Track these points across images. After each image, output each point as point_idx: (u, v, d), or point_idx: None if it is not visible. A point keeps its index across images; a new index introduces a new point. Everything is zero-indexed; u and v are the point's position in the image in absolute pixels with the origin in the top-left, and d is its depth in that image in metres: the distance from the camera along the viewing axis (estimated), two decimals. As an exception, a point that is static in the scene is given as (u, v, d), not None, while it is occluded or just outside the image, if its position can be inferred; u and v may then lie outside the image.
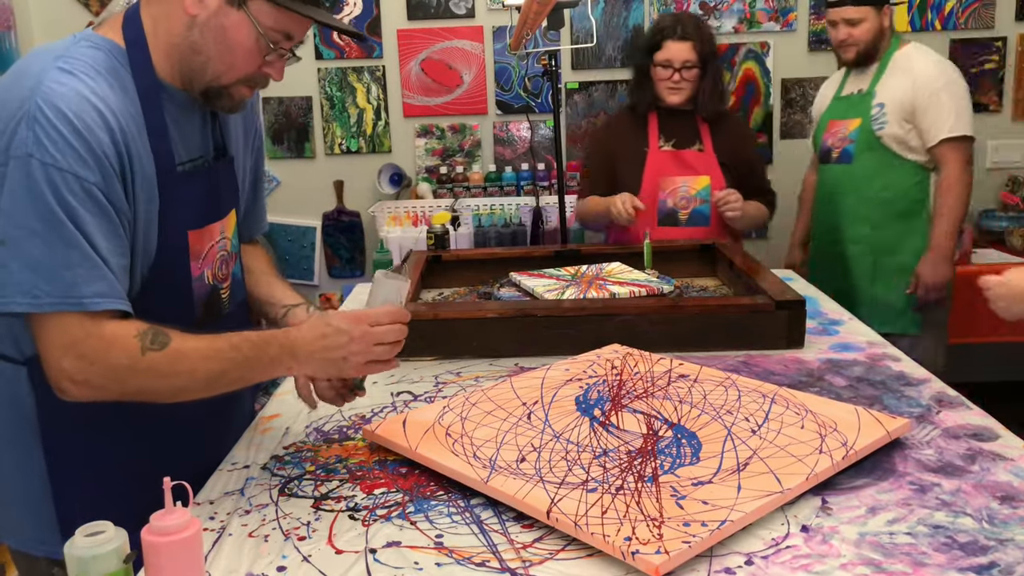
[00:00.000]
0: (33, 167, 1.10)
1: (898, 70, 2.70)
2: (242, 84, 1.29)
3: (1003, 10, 3.92)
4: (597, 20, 3.95)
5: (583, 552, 1.04)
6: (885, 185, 2.71)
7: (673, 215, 2.60)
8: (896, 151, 2.69)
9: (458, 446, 1.27)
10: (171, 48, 1.25)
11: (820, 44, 3.97)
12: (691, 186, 2.60)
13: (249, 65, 1.26)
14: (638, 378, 1.53)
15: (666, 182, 2.60)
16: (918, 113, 2.64)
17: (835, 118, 2.83)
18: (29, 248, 1.10)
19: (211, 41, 1.23)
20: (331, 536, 1.11)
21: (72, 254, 1.11)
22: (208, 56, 1.24)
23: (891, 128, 2.67)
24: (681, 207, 2.60)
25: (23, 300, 1.10)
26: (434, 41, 4.00)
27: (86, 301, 1.12)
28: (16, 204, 1.10)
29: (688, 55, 2.54)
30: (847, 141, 2.77)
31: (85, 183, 1.12)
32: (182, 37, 1.24)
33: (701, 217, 2.60)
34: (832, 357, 1.72)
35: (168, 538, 0.92)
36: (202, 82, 1.27)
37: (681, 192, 2.60)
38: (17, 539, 1.35)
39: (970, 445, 1.30)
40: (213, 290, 1.38)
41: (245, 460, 1.35)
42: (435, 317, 1.79)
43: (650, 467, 1.18)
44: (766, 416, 1.34)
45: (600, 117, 4.05)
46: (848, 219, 2.78)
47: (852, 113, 2.77)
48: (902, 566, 0.99)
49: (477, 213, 3.71)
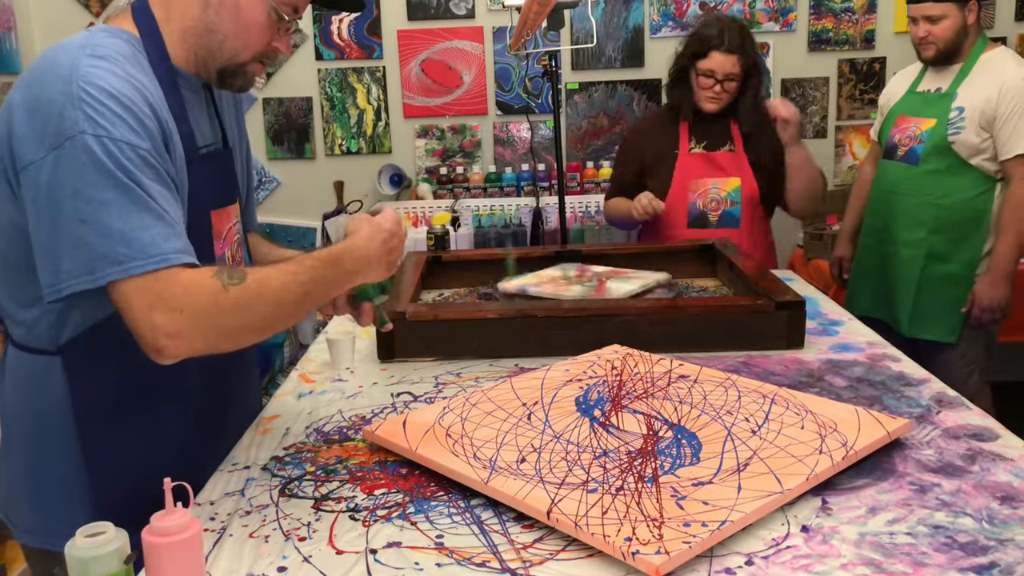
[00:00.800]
0: (89, 142, 1.11)
1: (984, 74, 2.58)
2: (256, 61, 1.34)
3: (1003, 10, 3.93)
4: (597, 21, 3.96)
5: (583, 552, 1.04)
6: (947, 192, 2.60)
7: (703, 217, 2.58)
8: (965, 158, 2.57)
9: (458, 447, 1.27)
10: (186, 32, 1.28)
11: (820, 44, 3.98)
12: (721, 187, 2.57)
13: (262, 40, 1.31)
14: (638, 379, 1.53)
15: (696, 184, 2.59)
16: (998, 122, 2.52)
17: (907, 113, 2.73)
18: (106, 219, 1.11)
19: (227, 20, 1.28)
20: (331, 537, 1.11)
21: (145, 216, 1.13)
22: (225, 34, 1.28)
23: (967, 135, 2.55)
24: (711, 209, 2.58)
25: (112, 269, 1.11)
26: (434, 42, 4.00)
27: (171, 257, 1.13)
28: (82, 181, 1.11)
29: (732, 68, 2.49)
30: (916, 140, 2.66)
31: (139, 150, 1.15)
32: (197, 19, 1.28)
33: (731, 219, 2.57)
34: (832, 357, 1.72)
35: (168, 539, 0.92)
36: (219, 62, 1.31)
37: (711, 194, 2.58)
38: (41, 537, 1.33)
39: (970, 445, 1.30)
40: None
41: (245, 461, 1.35)
42: (435, 318, 1.80)
43: (650, 468, 1.18)
44: (766, 416, 1.34)
45: (600, 117, 4.05)
46: (903, 220, 2.69)
47: (928, 112, 2.66)
48: (902, 566, 0.99)
49: (477, 214, 3.71)
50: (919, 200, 2.65)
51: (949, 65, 2.66)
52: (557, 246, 2.65)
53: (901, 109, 2.76)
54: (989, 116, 2.53)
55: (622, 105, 4.04)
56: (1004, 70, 2.56)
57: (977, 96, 2.55)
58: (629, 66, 4.02)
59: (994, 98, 2.52)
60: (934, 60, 2.65)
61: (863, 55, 3.99)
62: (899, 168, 2.71)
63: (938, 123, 2.61)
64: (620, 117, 4.05)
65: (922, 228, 2.65)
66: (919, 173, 2.65)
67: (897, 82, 2.89)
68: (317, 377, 1.73)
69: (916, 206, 2.66)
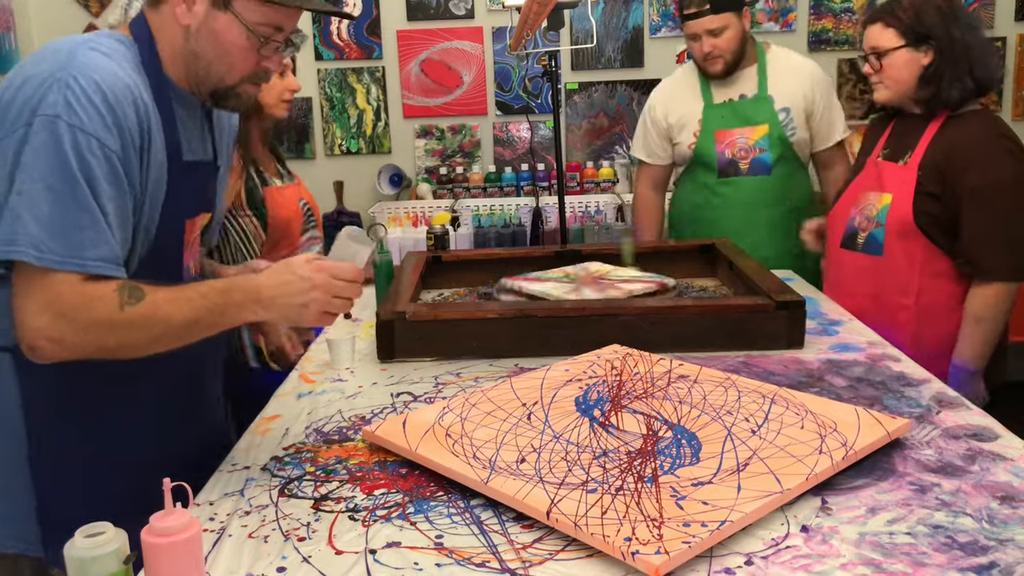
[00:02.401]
0: (59, 127, 1.14)
1: (785, 72, 2.61)
2: (247, 82, 1.34)
3: (1003, 10, 3.93)
4: (597, 21, 3.96)
5: (583, 552, 1.04)
6: (799, 194, 2.63)
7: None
8: (801, 156, 2.63)
9: (458, 447, 1.27)
10: (175, 55, 1.31)
11: (820, 44, 3.98)
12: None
13: (247, 63, 1.31)
14: (638, 379, 1.53)
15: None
16: (816, 115, 2.59)
17: (723, 127, 2.61)
18: (42, 203, 1.13)
19: (207, 46, 1.29)
20: (331, 537, 1.11)
21: (83, 216, 1.14)
22: (208, 60, 1.30)
23: (800, 132, 2.59)
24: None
25: (30, 252, 1.13)
26: (434, 42, 4.00)
27: (89, 264, 1.15)
28: (37, 159, 1.13)
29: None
30: (756, 151, 2.58)
31: (107, 149, 1.16)
32: (183, 47, 1.30)
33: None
34: (832, 357, 1.72)
35: (168, 539, 0.92)
36: (209, 85, 1.33)
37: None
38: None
39: (970, 445, 1.30)
40: (192, 280, 1.42)
41: (245, 461, 1.35)
42: (435, 318, 1.79)
43: (650, 468, 1.18)
44: (766, 416, 1.34)
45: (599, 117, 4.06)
46: (769, 232, 2.58)
47: (751, 120, 2.59)
48: (902, 566, 0.99)
49: (477, 214, 3.71)
50: (783, 208, 2.61)
51: (734, 74, 2.61)
52: (557, 246, 2.65)
53: (713, 125, 2.62)
54: (809, 111, 2.60)
55: (622, 105, 4.04)
56: (802, 65, 2.65)
57: (794, 94, 2.59)
58: (629, 66, 4.02)
59: (810, 93, 2.59)
60: (723, 73, 2.59)
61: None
62: (750, 182, 2.60)
63: (772, 128, 2.58)
64: (619, 117, 4.06)
65: (785, 236, 2.58)
66: (774, 181, 2.59)
67: (675, 101, 2.71)
68: (317, 377, 1.73)
69: (780, 214, 2.60)
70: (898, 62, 2.00)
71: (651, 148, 2.78)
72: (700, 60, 2.61)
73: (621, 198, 3.77)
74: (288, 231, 2.25)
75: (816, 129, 2.63)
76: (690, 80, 2.70)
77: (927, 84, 1.98)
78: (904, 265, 2.00)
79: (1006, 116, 3.99)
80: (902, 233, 1.99)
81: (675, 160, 2.77)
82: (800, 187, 2.66)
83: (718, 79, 2.62)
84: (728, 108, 2.63)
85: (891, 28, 2.00)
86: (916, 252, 1.98)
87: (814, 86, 2.60)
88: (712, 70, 2.59)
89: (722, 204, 2.63)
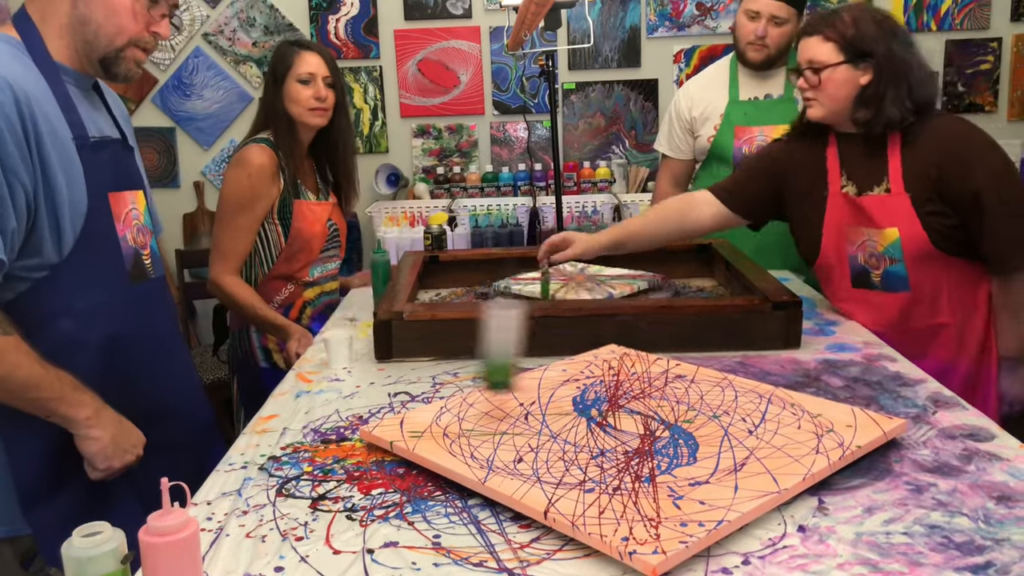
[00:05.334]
0: None
1: None
2: (134, 46, 1.45)
3: (998, 11, 3.94)
4: (594, 21, 3.96)
5: (580, 552, 1.04)
6: None
7: (865, 275, 2.53)
8: None
9: (455, 447, 1.27)
10: (62, 29, 1.41)
11: (816, 45, 3.98)
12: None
13: (136, 24, 1.43)
14: (635, 378, 1.54)
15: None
16: None
17: (744, 124, 2.60)
18: None
19: (95, 9, 1.40)
20: (328, 536, 1.11)
21: None
22: (97, 23, 1.40)
23: None
24: (872, 266, 2.53)
25: None
26: (431, 41, 4.00)
27: None
28: None
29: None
30: None
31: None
32: (69, 15, 1.40)
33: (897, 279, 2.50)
34: (828, 357, 1.72)
35: (165, 539, 0.92)
36: (98, 51, 1.43)
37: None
38: None
39: (966, 445, 1.30)
40: (136, 253, 1.55)
41: (242, 461, 1.35)
42: (432, 318, 1.79)
43: (647, 467, 1.18)
44: (763, 416, 1.35)
45: (596, 117, 4.06)
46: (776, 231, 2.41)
47: (771, 119, 2.56)
48: (899, 566, 0.99)
49: (474, 213, 3.71)
50: None
51: (767, 71, 2.59)
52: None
53: (735, 120, 2.62)
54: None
55: (619, 105, 4.05)
56: None
57: None
58: (626, 66, 4.02)
59: None
60: (760, 64, 2.56)
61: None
62: None
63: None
64: (617, 117, 4.06)
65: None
66: None
67: (702, 94, 2.70)
68: (314, 377, 1.73)
69: None
70: (837, 79, 1.84)
71: (674, 142, 2.79)
72: (745, 42, 2.55)
73: (618, 198, 3.78)
74: (308, 246, 2.26)
75: None
76: (720, 75, 2.71)
77: (865, 104, 1.85)
78: (934, 290, 1.90)
79: (1001, 117, 4.00)
80: (925, 262, 1.87)
81: (695, 155, 2.77)
82: None
83: (751, 74, 2.62)
84: (752, 106, 2.63)
85: (831, 42, 1.84)
86: (943, 273, 1.88)
87: None
88: (752, 56, 2.56)
89: None
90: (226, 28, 4.00)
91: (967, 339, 1.92)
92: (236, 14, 3.99)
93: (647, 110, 4.05)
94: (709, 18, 3.93)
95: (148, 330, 1.57)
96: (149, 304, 1.59)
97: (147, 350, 1.57)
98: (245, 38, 4.01)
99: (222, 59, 4.02)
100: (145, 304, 1.57)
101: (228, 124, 4.05)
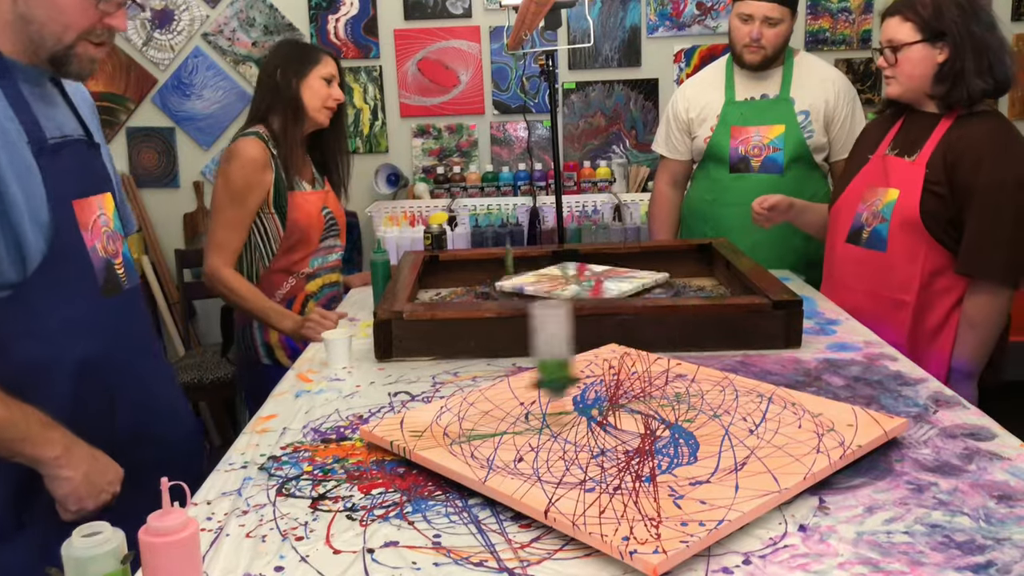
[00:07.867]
0: None
1: (808, 77, 2.60)
2: (85, 40, 1.32)
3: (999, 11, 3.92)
4: (594, 20, 3.96)
5: (581, 552, 1.04)
6: (813, 193, 2.56)
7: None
8: (818, 161, 2.62)
9: (456, 446, 1.27)
10: (5, 27, 1.29)
11: (817, 44, 3.98)
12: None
13: (85, 18, 1.30)
14: (635, 378, 1.53)
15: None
16: (836, 123, 2.59)
17: (740, 124, 2.62)
18: None
19: (36, 7, 1.28)
20: (329, 536, 1.11)
21: None
22: (40, 22, 1.29)
23: (818, 136, 2.58)
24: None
25: None
26: (431, 41, 4.00)
27: None
28: None
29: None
30: (770, 149, 2.58)
31: None
32: (11, 12, 1.28)
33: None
34: (829, 357, 1.72)
35: (165, 539, 0.92)
36: (45, 50, 1.31)
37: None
38: None
39: (967, 444, 1.30)
40: (108, 264, 1.43)
41: (242, 460, 1.35)
42: (432, 317, 1.79)
43: (648, 467, 1.18)
44: (763, 416, 1.35)
45: (597, 117, 4.05)
46: (779, 230, 2.46)
47: (768, 119, 2.59)
48: (899, 565, 0.99)
49: (474, 213, 3.71)
50: None
51: (763, 71, 2.61)
52: (554, 246, 2.65)
53: (731, 121, 2.63)
54: (829, 117, 2.59)
55: (619, 105, 4.04)
56: (828, 73, 2.64)
57: (816, 99, 2.58)
58: (626, 66, 4.02)
59: (831, 100, 2.58)
60: (757, 66, 2.57)
61: (860, 55, 3.99)
62: (762, 180, 2.58)
63: (788, 128, 2.58)
64: (617, 117, 4.06)
65: (795, 237, 2.55)
66: (787, 180, 2.56)
67: (699, 95, 2.72)
68: (314, 376, 1.73)
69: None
70: (914, 57, 1.97)
71: (671, 143, 2.80)
72: (741, 45, 2.57)
73: (618, 197, 3.77)
74: (306, 236, 2.29)
75: (835, 138, 2.61)
76: (717, 76, 2.72)
77: (941, 81, 1.95)
78: (906, 261, 1.99)
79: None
80: (907, 229, 1.97)
81: (692, 155, 2.78)
82: (813, 191, 2.59)
83: (747, 74, 2.63)
84: (748, 106, 2.64)
85: (909, 22, 1.97)
86: (919, 249, 1.97)
87: (838, 94, 2.59)
88: (750, 59, 2.57)
89: (731, 200, 2.62)
90: (226, 28, 4.00)
91: (918, 331, 2.01)
92: (236, 14, 3.99)
93: (647, 110, 4.04)
94: (709, 18, 3.93)
95: (124, 347, 1.45)
96: (123, 319, 1.47)
97: (123, 369, 1.45)
98: (245, 38, 4.01)
99: (222, 59, 4.02)
100: (119, 319, 1.45)
101: (228, 124, 4.05)
